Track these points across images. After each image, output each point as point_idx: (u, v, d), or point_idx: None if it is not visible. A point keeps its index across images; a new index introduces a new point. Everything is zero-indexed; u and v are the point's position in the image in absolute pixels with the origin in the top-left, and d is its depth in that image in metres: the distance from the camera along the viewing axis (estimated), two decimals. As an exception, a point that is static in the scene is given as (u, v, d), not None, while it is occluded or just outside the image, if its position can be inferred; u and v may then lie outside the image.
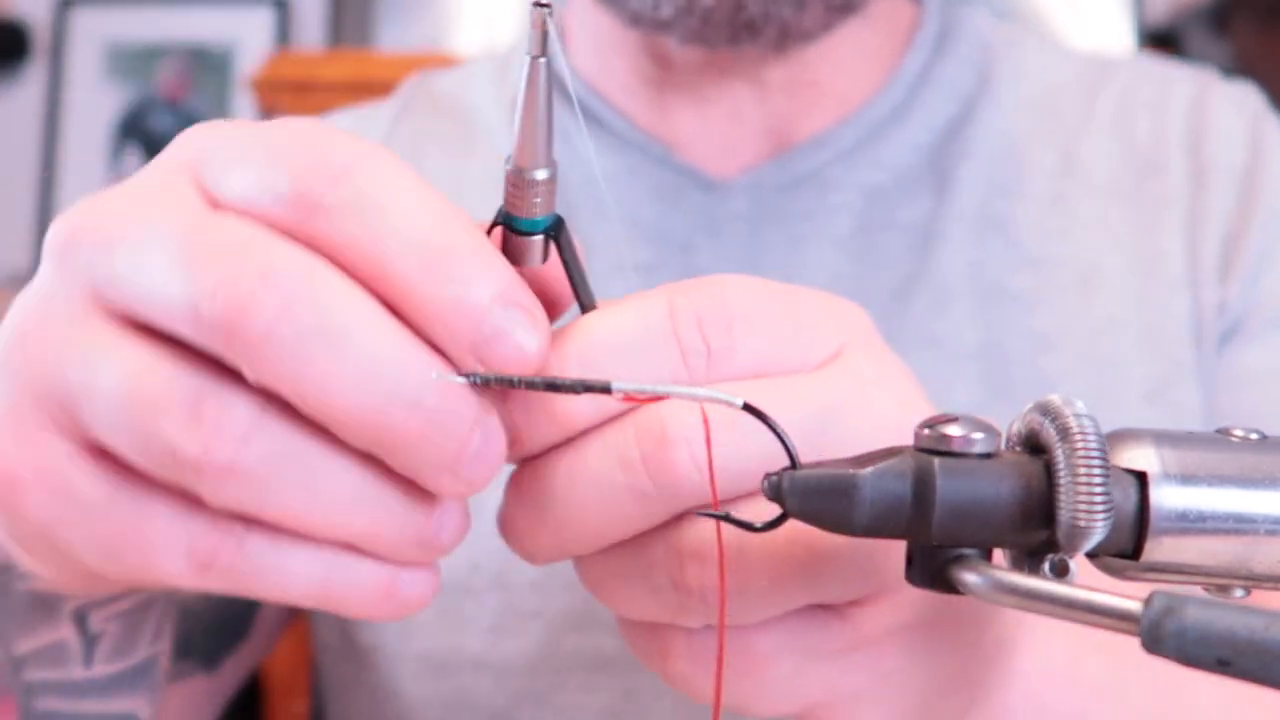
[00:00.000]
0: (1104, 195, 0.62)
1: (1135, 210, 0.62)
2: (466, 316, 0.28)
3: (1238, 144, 0.62)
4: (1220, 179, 0.62)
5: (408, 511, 0.29)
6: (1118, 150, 0.63)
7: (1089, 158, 0.63)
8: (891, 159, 0.62)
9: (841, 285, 0.60)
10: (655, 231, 0.61)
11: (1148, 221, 0.61)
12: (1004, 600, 0.27)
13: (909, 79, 0.63)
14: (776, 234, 0.60)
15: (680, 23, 0.56)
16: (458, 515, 0.30)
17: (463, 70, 0.71)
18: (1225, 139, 0.63)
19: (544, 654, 0.56)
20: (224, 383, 0.27)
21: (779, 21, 0.55)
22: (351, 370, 0.27)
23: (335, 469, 0.28)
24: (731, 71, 0.61)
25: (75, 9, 1.94)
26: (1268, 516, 0.27)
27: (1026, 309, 0.59)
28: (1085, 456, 0.26)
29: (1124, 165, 0.63)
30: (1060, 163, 0.63)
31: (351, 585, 0.29)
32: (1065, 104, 0.65)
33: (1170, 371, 0.59)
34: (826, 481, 0.27)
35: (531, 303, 0.29)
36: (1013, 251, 0.60)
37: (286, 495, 0.28)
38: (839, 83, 0.62)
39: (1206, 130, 0.63)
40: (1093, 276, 0.60)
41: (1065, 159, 0.63)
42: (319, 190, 0.28)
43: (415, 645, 0.58)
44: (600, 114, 0.63)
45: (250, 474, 0.27)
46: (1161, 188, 0.62)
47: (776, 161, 0.61)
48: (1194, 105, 0.64)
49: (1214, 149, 0.62)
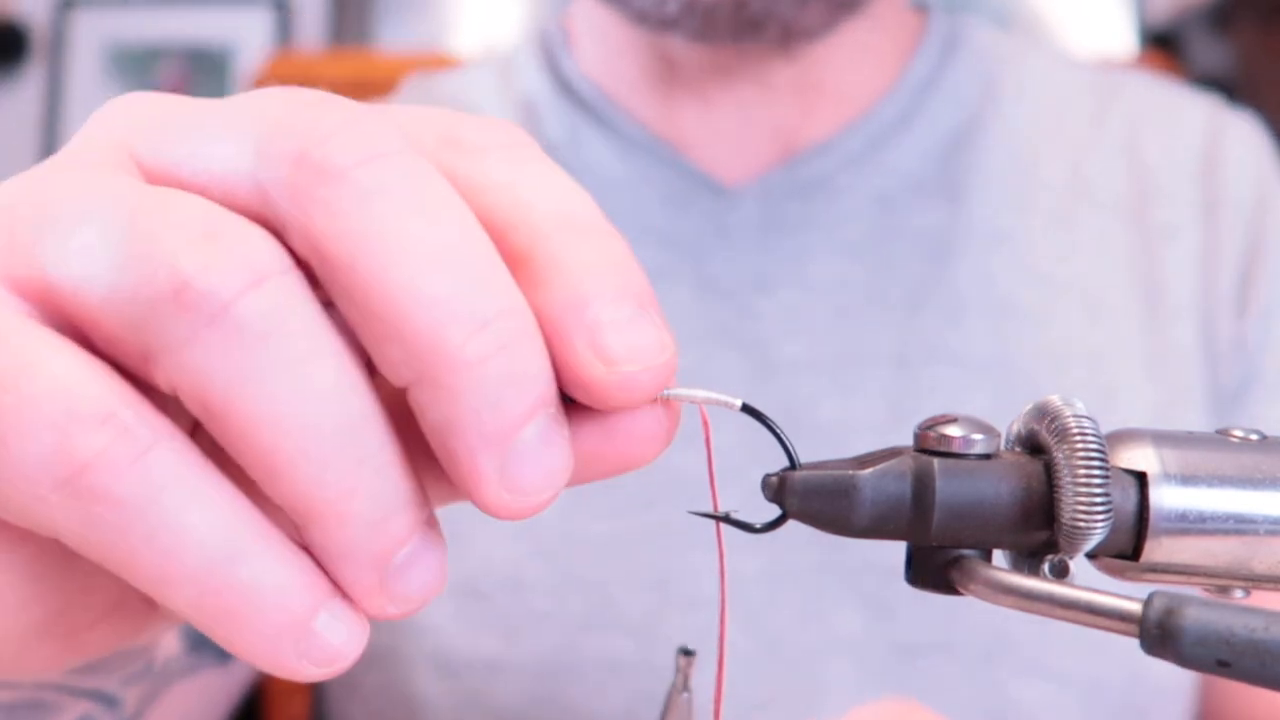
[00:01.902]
0: (1108, 215, 0.62)
1: (1139, 231, 0.62)
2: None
3: (1251, 179, 0.63)
4: (1234, 213, 0.62)
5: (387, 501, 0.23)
6: (1124, 171, 0.63)
7: (1096, 176, 0.63)
8: (900, 165, 0.62)
9: (853, 292, 0.60)
10: (666, 237, 0.61)
11: (1153, 245, 0.62)
12: (1004, 601, 0.27)
13: (916, 84, 0.63)
14: (787, 240, 0.60)
15: (684, 20, 0.56)
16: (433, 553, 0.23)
17: (463, 72, 0.71)
18: (1239, 171, 0.63)
19: (557, 656, 0.56)
20: None
21: (781, 19, 0.56)
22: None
23: (334, 369, 0.22)
24: (737, 73, 0.61)
25: (75, 9, 1.94)
26: (1268, 517, 0.27)
27: (1036, 325, 0.60)
28: (1085, 457, 0.26)
29: (1130, 187, 0.63)
30: (1068, 178, 0.63)
31: (254, 595, 0.22)
32: (1073, 118, 0.65)
33: (1174, 397, 0.59)
34: (826, 482, 0.27)
35: None
36: (1023, 265, 0.61)
37: (267, 379, 0.21)
38: (845, 86, 0.62)
39: (1222, 161, 0.63)
40: (1096, 297, 0.60)
41: (1073, 175, 0.63)
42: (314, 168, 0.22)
43: (427, 646, 0.58)
44: (610, 118, 0.63)
45: (241, 331, 0.21)
46: (1170, 213, 0.62)
47: (786, 167, 0.61)
48: (1208, 135, 0.64)
49: (1228, 180, 0.63)
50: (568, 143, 0.63)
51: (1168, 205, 0.62)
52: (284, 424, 0.21)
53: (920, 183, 0.62)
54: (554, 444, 0.23)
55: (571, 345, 0.23)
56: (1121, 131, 0.65)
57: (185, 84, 1.92)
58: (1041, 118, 0.65)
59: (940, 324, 0.59)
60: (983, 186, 0.62)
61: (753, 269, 0.60)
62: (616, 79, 0.64)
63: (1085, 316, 0.60)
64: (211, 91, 1.92)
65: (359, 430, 0.22)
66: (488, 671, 0.57)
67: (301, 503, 0.22)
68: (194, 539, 0.22)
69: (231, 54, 1.92)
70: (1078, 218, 0.62)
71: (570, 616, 0.57)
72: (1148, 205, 0.62)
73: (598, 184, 0.62)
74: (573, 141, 0.63)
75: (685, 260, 0.60)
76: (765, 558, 0.56)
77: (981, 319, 0.59)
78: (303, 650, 0.22)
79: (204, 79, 1.92)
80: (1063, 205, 0.62)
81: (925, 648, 0.56)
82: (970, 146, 0.63)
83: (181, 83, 1.92)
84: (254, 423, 0.21)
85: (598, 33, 0.65)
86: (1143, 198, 0.63)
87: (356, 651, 0.23)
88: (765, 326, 0.59)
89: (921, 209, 0.61)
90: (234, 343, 0.21)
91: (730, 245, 0.60)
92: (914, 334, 0.59)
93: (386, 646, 0.59)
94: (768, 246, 0.60)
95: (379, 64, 1.45)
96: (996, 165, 0.63)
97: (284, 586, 0.22)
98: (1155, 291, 0.61)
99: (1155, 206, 0.62)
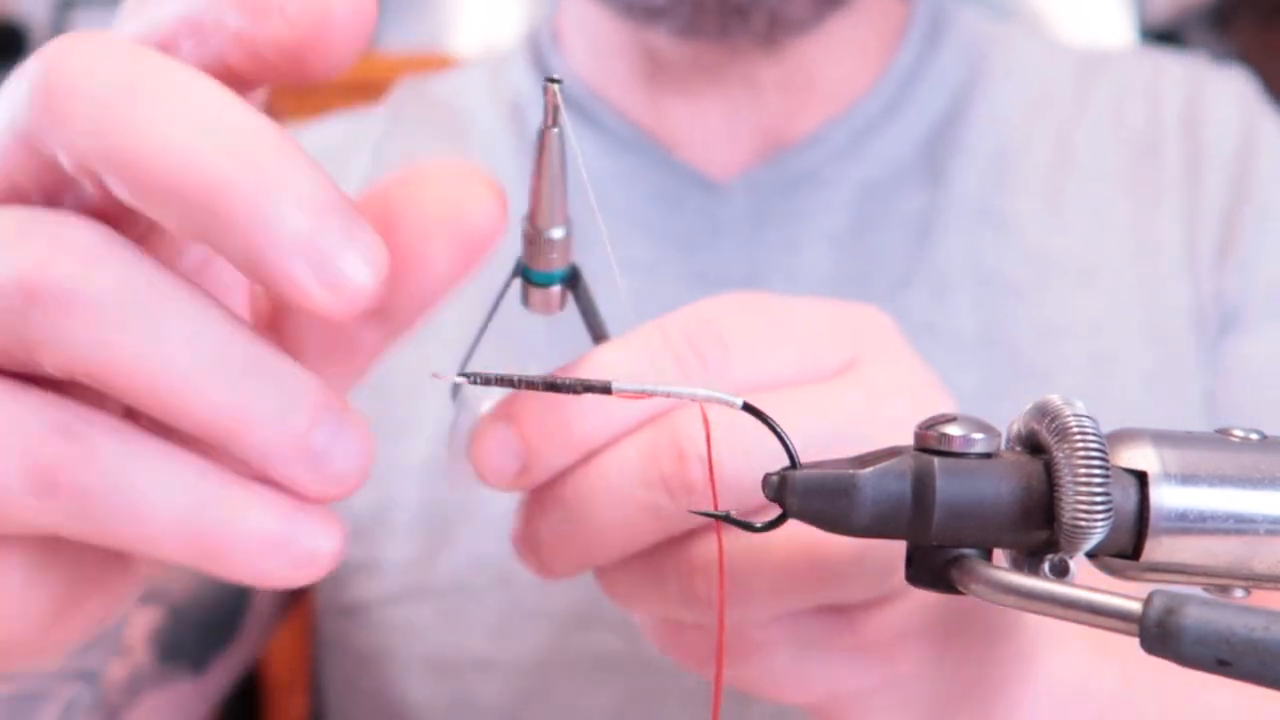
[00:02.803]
0: (1100, 184, 0.62)
1: (1132, 198, 0.62)
2: None
3: (1232, 131, 0.63)
4: (1215, 166, 0.62)
5: (280, 397, 0.24)
6: (1112, 139, 0.64)
7: (1083, 148, 0.63)
8: (885, 153, 0.62)
9: (840, 281, 0.60)
10: (657, 232, 0.61)
11: (1145, 209, 0.62)
12: (1004, 600, 0.27)
13: (901, 74, 0.63)
14: (775, 234, 0.60)
15: (672, 11, 0.56)
16: (350, 429, 0.25)
17: (455, 75, 0.71)
18: (1220, 126, 0.63)
19: (549, 653, 0.56)
20: (62, 202, 0.25)
21: (767, 9, 0.56)
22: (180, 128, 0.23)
23: (189, 311, 0.24)
24: (723, 72, 0.61)
25: (75, 9, 1.94)
26: (1268, 516, 0.27)
27: (1025, 300, 0.60)
28: (1085, 456, 0.26)
29: (1118, 153, 0.63)
30: (1055, 155, 0.63)
31: (231, 527, 0.24)
32: (1058, 96, 0.65)
33: (1170, 360, 0.59)
34: (827, 481, 0.27)
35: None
36: (1011, 244, 0.61)
37: (133, 339, 0.24)
38: (832, 80, 0.62)
39: (1201, 118, 0.63)
40: (1091, 268, 0.60)
41: (1060, 151, 0.63)
42: None
43: (418, 646, 0.58)
44: (599, 116, 0.63)
45: (93, 306, 0.23)
46: (1157, 174, 0.62)
47: (773, 162, 0.61)
48: (1188, 92, 0.64)
49: (1209, 136, 0.63)
50: None
51: (1154, 168, 0.63)
52: (165, 374, 0.24)
53: (906, 169, 0.62)
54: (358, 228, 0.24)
55: None
56: (1108, 103, 0.65)
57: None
58: (1028, 97, 0.65)
59: (925, 301, 0.59)
60: (968, 165, 0.62)
61: (743, 262, 0.60)
62: (605, 77, 0.64)
63: (1078, 289, 0.60)
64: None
65: (230, 352, 0.24)
66: (476, 670, 0.57)
67: (214, 431, 0.24)
68: (163, 500, 0.24)
69: (231, 54, 1.92)
70: (1068, 193, 0.62)
71: (558, 614, 0.57)
72: (1137, 168, 0.63)
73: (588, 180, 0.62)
74: None
75: (677, 255, 0.61)
76: None
77: (967, 294, 0.59)
78: (289, 559, 0.25)
79: (204, 79, 1.92)
80: (1053, 182, 0.62)
81: None
82: (956, 128, 0.63)
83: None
84: (142, 381, 0.24)
85: (586, 31, 0.65)
86: (1132, 162, 0.63)
87: (336, 547, 0.25)
88: None
89: (908, 194, 0.62)
90: (93, 320, 0.23)
91: (721, 240, 0.61)
92: (898, 313, 0.59)
93: (378, 648, 0.59)
94: (758, 240, 0.60)
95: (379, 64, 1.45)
96: (983, 145, 0.63)
97: (253, 510, 0.25)
98: (1149, 255, 0.61)
99: (1144, 168, 0.63)
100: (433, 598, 0.58)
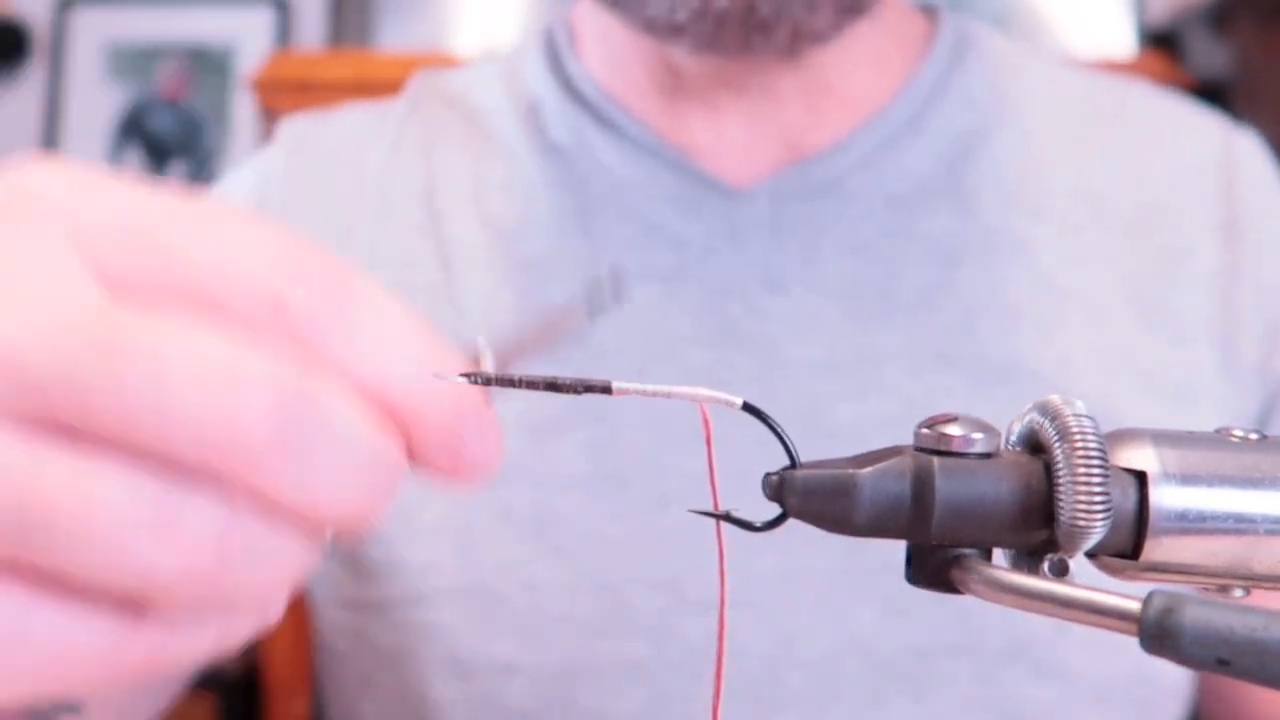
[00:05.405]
0: (1112, 231, 0.62)
1: (1144, 253, 0.62)
2: None
3: (1265, 194, 0.63)
4: (1254, 230, 0.62)
5: None
6: (1131, 189, 0.63)
7: (1102, 189, 0.63)
8: (910, 168, 0.62)
9: (863, 293, 0.60)
10: (676, 238, 0.61)
11: (1159, 267, 0.61)
12: (1004, 600, 0.27)
13: (926, 88, 0.63)
14: (797, 241, 0.60)
15: (694, 27, 0.55)
16: None
17: (468, 71, 0.70)
18: (1254, 189, 0.64)
19: (573, 657, 0.56)
20: None
21: (791, 22, 0.55)
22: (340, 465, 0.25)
23: None
24: (743, 84, 0.60)
25: (75, 9, 1.94)
26: (1268, 516, 0.27)
27: (1045, 333, 0.59)
28: (1085, 456, 0.26)
29: (1136, 206, 0.63)
30: (1074, 188, 0.63)
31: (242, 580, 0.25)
32: (1080, 127, 0.65)
33: (1176, 420, 0.59)
34: (826, 481, 0.28)
35: None
36: (1032, 273, 0.60)
37: None
38: (852, 90, 0.62)
39: (1235, 180, 0.64)
40: (1099, 310, 0.60)
41: (1079, 185, 0.63)
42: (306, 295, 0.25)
43: (441, 647, 0.58)
44: (618, 122, 0.63)
45: None
46: (1180, 235, 0.62)
47: (796, 168, 0.61)
48: (1220, 153, 0.64)
49: (1246, 199, 0.63)
50: (573, 145, 0.63)
51: (1180, 226, 0.62)
52: None
53: (930, 186, 0.62)
54: None
55: None
56: (1127, 147, 0.64)
57: (185, 84, 1.92)
58: (1050, 126, 0.65)
59: (953, 328, 0.59)
60: (993, 193, 0.62)
61: (763, 270, 0.60)
62: (623, 84, 0.64)
63: (1089, 325, 0.60)
64: (212, 91, 1.92)
65: None
66: (502, 674, 0.57)
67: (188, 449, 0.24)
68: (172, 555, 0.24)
69: (231, 54, 1.92)
70: (1084, 227, 0.62)
71: (584, 619, 0.56)
72: (1155, 225, 0.62)
73: (606, 186, 0.62)
74: (579, 144, 0.63)
75: (695, 262, 0.60)
76: (781, 557, 0.56)
77: (992, 325, 0.59)
78: None
79: (204, 79, 1.92)
80: (1071, 214, 0.62)
81: (940, 649, 0.55)
82: (981, 152, 0.63)
83: (181, 82, 1.92)
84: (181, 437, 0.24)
85: (603, 37, 0.64)
86: (1150, 218, 0.62)
87: None
88: (776, 327, 0.59)
89: (931, 213, 0.61)
90: None
91: (740, 247, 0.60)
92: (926, 337, 0.59)
93: (400, 647, 0.59)
94: (778, 248, 0.60)
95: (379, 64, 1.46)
96: (1007, 172, 0.62)
97: None
98: (1158, 311, 0.60)
99: (1165, 227, 0.62)
100: (457, 600, 0.58)
